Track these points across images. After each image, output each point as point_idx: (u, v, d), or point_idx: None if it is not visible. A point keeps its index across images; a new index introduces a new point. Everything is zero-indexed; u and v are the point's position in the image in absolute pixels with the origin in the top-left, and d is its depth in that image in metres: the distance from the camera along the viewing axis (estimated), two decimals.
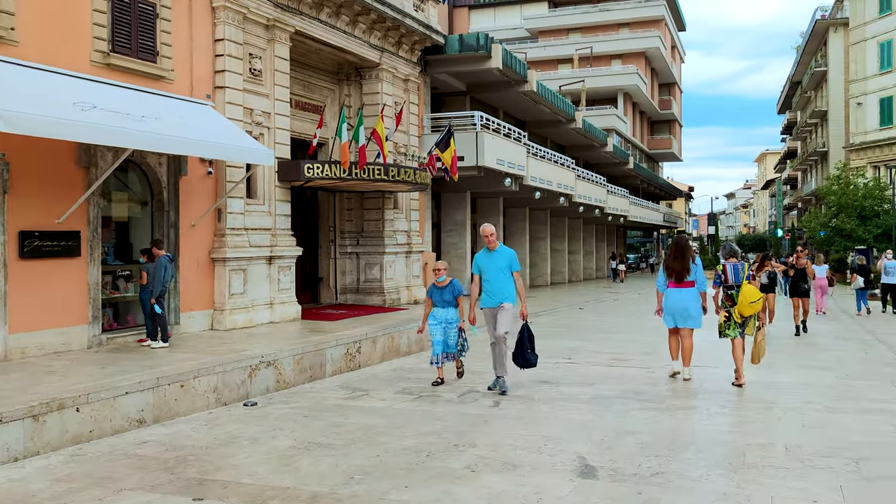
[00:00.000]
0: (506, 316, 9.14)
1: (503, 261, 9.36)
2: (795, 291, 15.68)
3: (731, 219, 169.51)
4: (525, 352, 9.11)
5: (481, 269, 9.46)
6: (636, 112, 63.68)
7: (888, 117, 47.82)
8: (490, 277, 9.27)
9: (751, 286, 9.58)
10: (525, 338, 9.18)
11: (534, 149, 29.39)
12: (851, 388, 9.46)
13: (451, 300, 9.75)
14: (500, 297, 9.23)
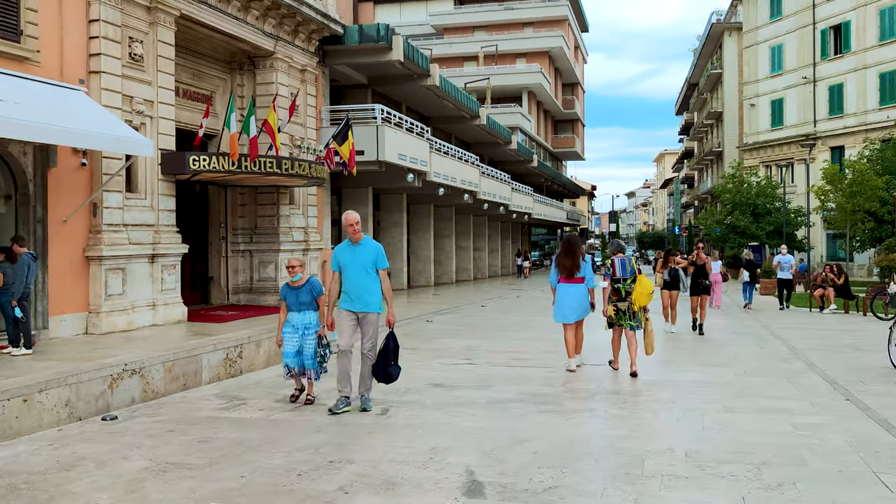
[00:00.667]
0: (371, 329, 7.92)
1: (368, 256, 7.91)
2: (696, 289, 15.29)
3: (631, 217, 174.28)
4: (388, 365, 7.87)
5: (341, 266, 8.04)
6: (540, 111, 64.22)
7: (779, 118, 49.61)
8: (351, 275, 7.89)
9: (646, 279, 10.08)
10: (390, 349, 7.88)
11: (437, 144, 28.92)
12: (749, 385, 9.29)
13: (310, 302, 8.41)
14: (362, 299, 7.88)
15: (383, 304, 8.03)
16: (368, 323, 7.92)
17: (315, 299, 8.43)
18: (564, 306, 10.29)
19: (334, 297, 8.17)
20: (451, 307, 21.55)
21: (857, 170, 27.82)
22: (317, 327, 8.40)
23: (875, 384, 9.25)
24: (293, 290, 8.50)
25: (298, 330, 8.37)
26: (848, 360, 11.45)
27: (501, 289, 32.76)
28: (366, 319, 7.91)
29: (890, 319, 18.00)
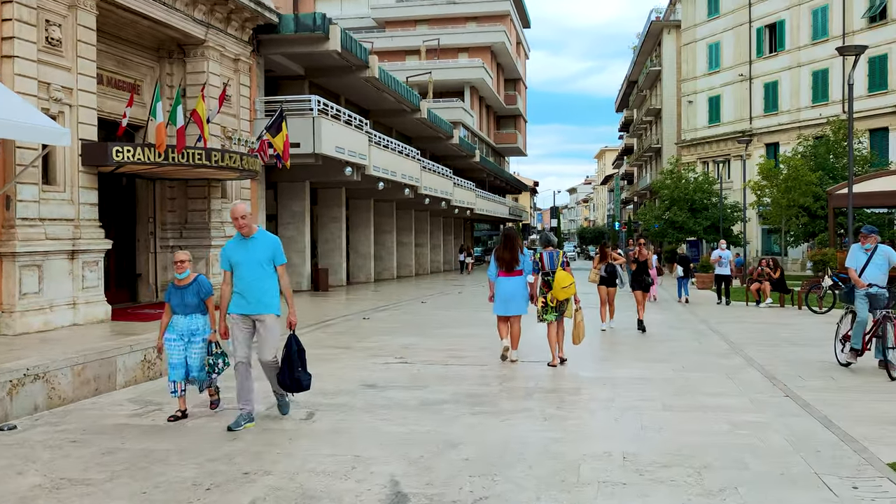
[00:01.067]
0: (271, 335, 6.97)
1: (262, 251, 6.98)
2: (638, 285, 14.85)
3: (572, 213, 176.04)
4: (294, 371, 7.04)
5: (233, 264, 7.04)
6: (483, 106, 64.11)
7: (716, 115, 50.38)
8: (244, 274, 6.92)
9: (564, 272, 10.16)
10: (294, 353, 7.05)
11: (377, 137, 28.43)
12: (688, 381, 9.10)
13: (197, 304, 7.32)
14: (257, 300, 6.88)
15: (282, 304, 7.12)
16: (267, 328, 6.93)
17: (203, 301, 7.36)
18: (504, 299, 10.49)
19: (227, 300, 7.05)
20: (390, 304, 21.11)
21: (791, 165, 28.25)
22: (205, 333, 7.32)
23: (813, 379, 9.15)
24: (178, 290, 7.39)
25: (183, 336, 7.29)
26: (785, 354, 11.40)
27: (443, 285, 32.44)
28: (263, 324, 6.93)
29: (824, 313, 18.22)
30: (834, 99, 41.10)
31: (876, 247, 9.68)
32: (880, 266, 9.60)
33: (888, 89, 37.86)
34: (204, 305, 7.38)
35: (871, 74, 38.51)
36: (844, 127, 34.36)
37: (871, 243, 9.70)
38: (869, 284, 9.51)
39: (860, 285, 9.57)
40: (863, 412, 7.30)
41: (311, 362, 10.61)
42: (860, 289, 9.55)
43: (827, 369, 9.83)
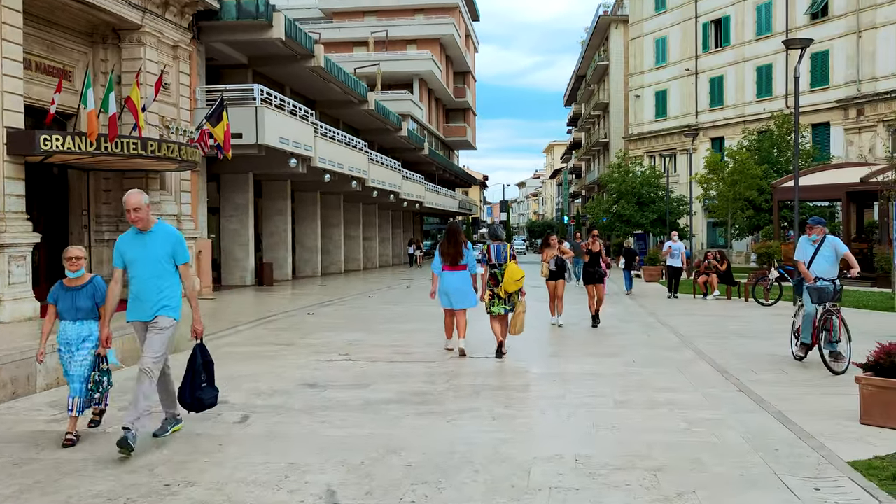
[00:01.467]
0: (158, 338, 5.96)
1: (161, 247, 6.04)
2: (590, 278, 14.33)
3: (522, 206, 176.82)
4: (197, 387, 6.15)
5: (126, 261, 6.09)
6: (432, 99, 63.67)
7: (662, 110, 50.82)
8: (139, 273, 6.02)
9: (514, 265, 10.25)
10: (198, 366, 6.18)
11: (323, 128, 27.83)
12: (640, 376, 8.88)
13: (91, 308, 6.26)
14: (154, 303, 5.99)
15: (183, 308, 6.30)
16: (157, 329, 5.98)
17: (97, 306, 6.28)
18: (448, 293, 10.53)
19: (115, 302, 6.15)
20: (336, 299, 20.62)
21: (737, 159, 28.49)
22: (96, 343, 6.26)
23: (765, 373, 9.00)
24: (69, 292, 6.27)
25: (73, 345, 6.21)
26: (735, 347, 11.28)
27: (391, 279, 32.00)
28: (155, 327, 5.98)
29: (770, 305, 18.30)
30: (777, 94, 41.72)
31: (823, 238, 9.54)
32: (828, 258, 9.45)
33: (830, 85, 38.55)
34: (98, 312, 6.29)
35: (814, 70, 39.16)
36: (788, 121, 34.90)
37: (819, 235, 9.55)
38: (816, 278, 9.36)
39: (808, 278, 9.42)
40: (816, 407, 7.14)
41: (250, 360, 10.22)
42: (808, 282, 9.40)
43: (777, 363, 9.71)
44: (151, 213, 6.33)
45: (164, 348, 6.03)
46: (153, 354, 5.93)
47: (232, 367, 9.71)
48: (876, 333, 12.23)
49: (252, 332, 13.31)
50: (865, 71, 36.90)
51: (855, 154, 36.39)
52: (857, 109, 37.32)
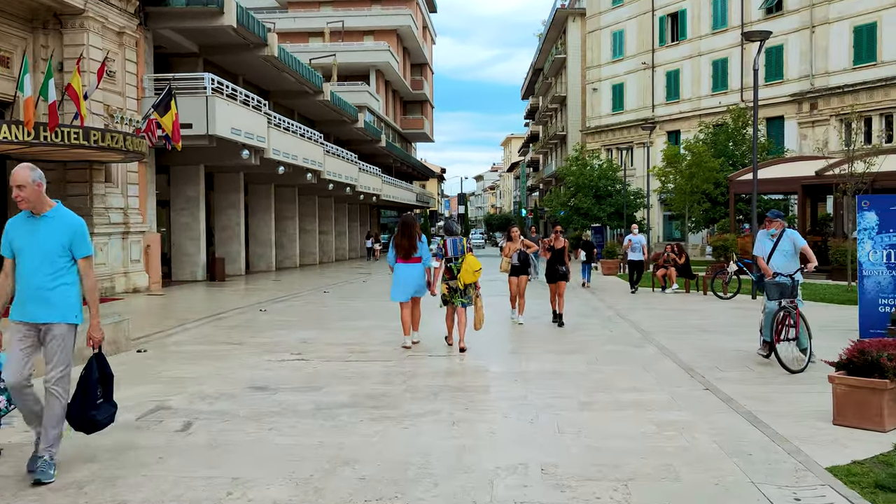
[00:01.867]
0: (60, 348, 5.06)
1: (55, 236, 5.09)
2: (554, 276, 13.40)
3: (479, 200, 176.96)
4: (90, 406, 5.15)
5: (14, 250, 5.12)
6: (389, 90, 63.04)
7: (619, 103, 50.96)
8: (26, 265, 5.07)
9: (472, 257, 10.39)
10: (93, 381, 5.17)
11: (276, 119, 27.16)
12: (603, 375, 8.59)
13: None
14: (43, 302, 5.04)
15: (83, 310, 5.29)
16: (55, 339, 5.04)
17: None
18: (401, 285, 10.61)
19: (3, 299, 5.17)
20: (291, 294, 20.07)
21: (695, 151, 28.52)
22: None
23: (731, 370, 8.77)
24: None
25: None
26: (698, 342, 11.08)
27: (348, 273, 31.48)
28: (50, 334, 5.04)
29: (729, 298, 18.25)
30: (733, 88, 42.04)
31: (782, 232, 9.32)
32: (786, 252, 9.22)
33: (784, 79, 38.95)
34: None
35: (768, 64, 39.51)
36: (744, 115, 35.14)
37: (777, 228, 9.33)
38: (775, 273, 9.11)
39: (767, 273, 9.21)
40: (786, 407, 6.90)
41: (196, 360, 9.71)
42: (767, 277, 9.19)
43: (743, 359, 9.51)
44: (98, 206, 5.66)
45: (68, 359, 5.11)
46: (56, 370, 5.02)
47: (177, 368, 9.21)
48: (835, 327, 12.19)
49: (200, 331, 12.75)
50: (818, 66, 37.34)
51: (809, 148, 36.81)
52: (810, 104, 37.77)
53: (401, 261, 10.66)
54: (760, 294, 18.32)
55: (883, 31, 34.28)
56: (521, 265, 13.34)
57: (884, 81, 33.98)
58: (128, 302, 17.45)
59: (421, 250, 10.69)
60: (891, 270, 10.53)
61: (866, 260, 10.71)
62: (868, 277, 10.69)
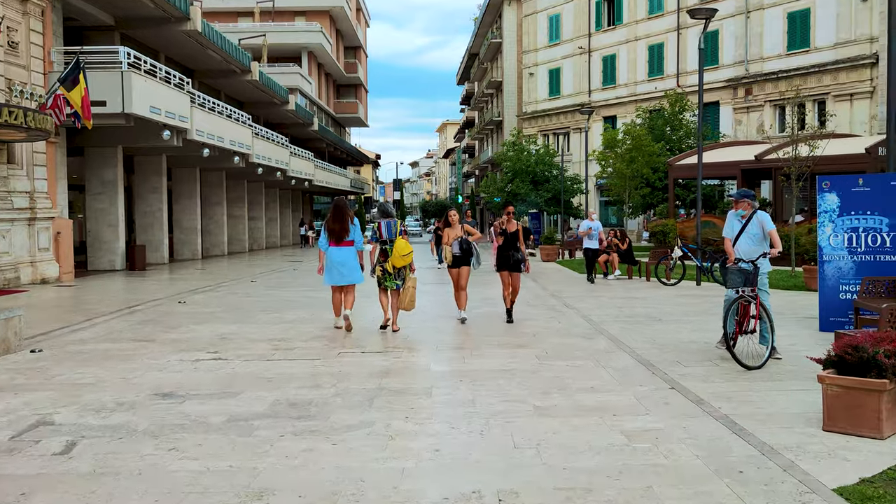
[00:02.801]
0: None
1: None
2: (505, 264, 11.67)
3: (415, 186, 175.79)
4: None
5: None
6: (322, 73, 61.36)
7: (556, 88, 50.51)
8: None
9: (403, 240, 10.51)
10: None
11: (200, 99, 25.63)
12: (557, 372, 7.76)
13: None
14: None
15: None
16: None
17: None
18: (334, 270, 10.64)
19: None
20: (215, 284, 18.79)
21: (635, 135, 28.04)
22: None
23: (694, 365, 8.04)
24: None
25: None
26: (651, 333, 10.37)
27: (279, 261, 30.15)
28: None
29: (673, 285, 17.73)
30: (668, 73, 41.92)
31: (752, 214, 8.59)
32: (754, 237, 8.46)
33: (719, 64, 38.91)
34: None
35: (704, 49, 39.42)
36: (681, 100, 34.95)
37: (745, 209, 8.59)
38: (737, 259, 8.39)
39: (730, 257, 8.50)
40: (766, 409, 6.17)
41: (97, 361, 8.52)
42: (729, 262, 8.48)
43: (703, 352, 8.81)
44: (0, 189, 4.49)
45: None
46: None
47: (74, 371, 8.02)
48: (788, 314, 11.66)
49: (109, 326, 11.49)
50: (753, 51, 37.40)
51: (743, 133, 36.92)
52: (745, 89, 37.83)
53: (333, 245, 10.63)
54: (709, 280, 17.94)
55: (816, 18, 34.44)
56: (462, 255, 11.43)
57: (816, 68, 34.15)
58: (33, 294, 15.97)
59: (353, 234, 10.69)
60: (852, 255, 9.98)
61: (826, 244, 10.15)
62: (828, 262, 10.13)
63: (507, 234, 11.63)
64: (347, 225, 10.61)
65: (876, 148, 21.86)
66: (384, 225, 10.55)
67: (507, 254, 11.65)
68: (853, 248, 9.96)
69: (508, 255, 11.64)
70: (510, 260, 11.61)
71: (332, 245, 10.63)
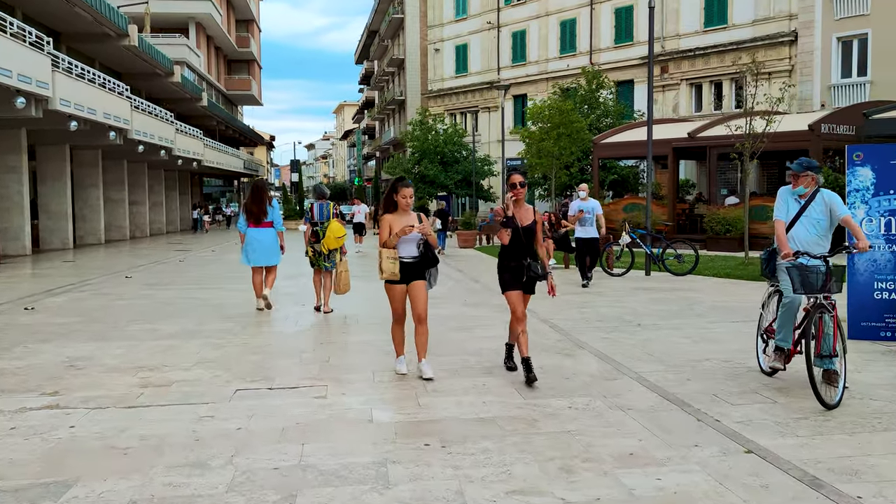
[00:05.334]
0: None
1: None
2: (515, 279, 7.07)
3: (311, 169, 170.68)
4: None
5: None
6: (211, 46, 57.06)
7: (463, 65, 48.29)
8: None
9: (337, 223, 10.56)
10: None
11: (66, 62, 21.94)
12: (561, 420, 5.39)
13: None
14: None
15: None
16: None
17: None
18: (253, 251, 10.68)
19: None
20: (80, 281, 15.53)
21: (562, 109, 25.96)
22: None
23: (741, 402, 5.81)
24: None
25: None
26: (643, 346, 8.13)
27: (164, 250, 26.70)
28: None
29: (620, 275, 15.75)
30: (581, 50, 40.26)
31: (815, 192, 6.33)
32: (817, 223, 6.18)
33: (634, 41, 37.49)
34: None
35: (618, 26, 38.04)
36: (598, 77, 33.31)
37: (807, 186, 6.28)
38: (797, 253, 6.01)
39: (783, 250, 6.05)
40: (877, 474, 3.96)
41: None
42: (783, 257, 6.14)
43: (739, 377, 6.60)
44: None
45: None
46: None
47: None
48: None
49: None
50: (670, 28, 36.07)
51: (659, 113, 35.58)
52: (661, 67, 36.50)
53: (252, 226, 10.68)
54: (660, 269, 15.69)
55: None
56: (417, 263, 6.74)
57: (734, 45, 33.08)
58: None
59: (272, 215, 10.73)
60: (890, 245, 8.01)
61: None
62: (860, 253, 8.12)
63: (519, 228, 6.66)
64: (265, 206, 10.64)
65: (819, 125, 20.57)
66: (317, 207, 10.63)
67: (519, 263, 6.67)
68: (892, 235, 7.98)
69: (521, 264, 6.66)
70: (524, 273, 6.66)
71: (251, 226, 10.66)
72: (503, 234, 6.63)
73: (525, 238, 6.66)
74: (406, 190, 6.71)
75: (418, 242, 6.68)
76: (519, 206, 6.72)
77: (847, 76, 28.85)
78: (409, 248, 6.65)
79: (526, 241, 6.67)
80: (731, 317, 10.04)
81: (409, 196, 6.70)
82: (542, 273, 6.66)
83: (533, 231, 6.70)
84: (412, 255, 6.66)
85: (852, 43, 28.59)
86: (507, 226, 6.62)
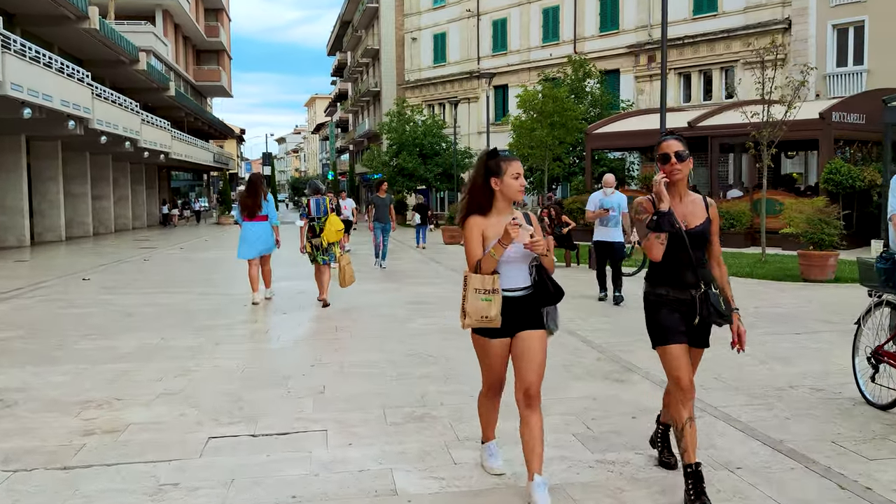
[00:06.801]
0: None
1: None
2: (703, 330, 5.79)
3: (282, 163, 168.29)
4: None
5: None
6: (179, 35, 54.99)
7: (442, 55, 46.85)
8: None
9: (336, 217, 10.71)
10: None
11: (16, 45, 20.13)
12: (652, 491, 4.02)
13: None
14: None
15: None
16: None
17: None
18: (248, 243, 10.79)
19: None
20: (30, 285, 13.86)
21: (556, 97, 24.58)
22: None
23: (866, 450, 4.47)
24: None
25: None
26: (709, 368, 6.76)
27: (128, 248, 24.97)
28: None
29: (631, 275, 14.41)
30: (565, 38, 38.98)
31: None
32: None
33: (620, 29, 36.28)
34: None
35: (603, 14, 36.83)
36: (585, 65, 32.10)
37: None
38: None
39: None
40: None
41: None
42: None
43: (846, 412, 5.27)
44: None
45: None
46: None
47: None
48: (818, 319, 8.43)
49: None
50: (657, 16, 34.83)
51: (645, 103, 34.45)
52: (647, 56, 35.35)
53: (247, 219, 10.82)
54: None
55: None
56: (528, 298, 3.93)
57: (725, 33, 31.99)
58: None
59: (266, 209, 10.87)
60: None
61: None
62: None
63: (682, 232, 3.83)
64: (260, 200, 10.79)
65: (829, 112, 19.43)
66: (313, 202, 10.70)
67: (686, 293, 3.88)
68: None
69: (689, 296, 3.87)
70: (696, 311, 3.87)
71: (245, 220, 10.82)
72: (653, 245, 3.78)
73: (693, 250, 3.83)
74: (514, 165, 3.86)
75: (530, 264, 3.87)
76: (676, 192, 3.89)
77: (843, 65, 27.85)
78: (514, 275, 3.85)
79: (694, 256, 3.83)
80: (785, 327, 8.72)
81: (520, 175, 3.87)
82: (725, 311, 3.84)
83: (705, 238, 3.89)
84: (520, 287, 3.86)
85: (848, 31, 27.59)
86: (661, 229, 3.75)
